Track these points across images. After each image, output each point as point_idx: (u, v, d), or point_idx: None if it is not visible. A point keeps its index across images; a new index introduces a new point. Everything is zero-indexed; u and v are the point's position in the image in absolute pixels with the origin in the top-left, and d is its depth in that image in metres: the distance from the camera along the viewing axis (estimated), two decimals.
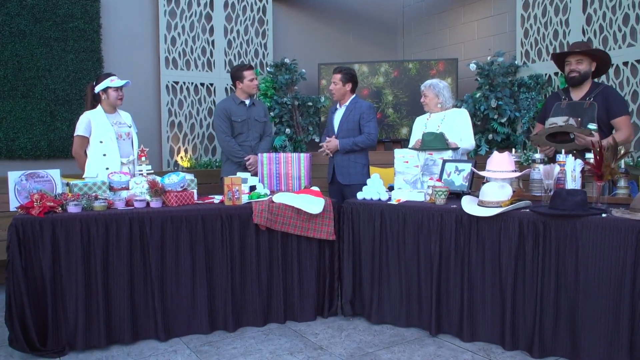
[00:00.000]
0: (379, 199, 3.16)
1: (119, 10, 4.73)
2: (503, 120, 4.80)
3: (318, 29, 5.92)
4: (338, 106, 3.97)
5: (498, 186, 2.71)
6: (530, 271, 2.53)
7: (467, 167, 3.17)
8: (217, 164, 5.02)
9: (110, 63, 4.67)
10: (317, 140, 5.49)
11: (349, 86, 3.87)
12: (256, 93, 4.08)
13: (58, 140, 4.34)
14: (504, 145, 4.90)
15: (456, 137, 3.54)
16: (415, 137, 3.75)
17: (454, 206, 2.81)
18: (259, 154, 3.70)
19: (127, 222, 2.76)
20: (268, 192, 3.48)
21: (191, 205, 3.01)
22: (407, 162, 3.43)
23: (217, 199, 3.32)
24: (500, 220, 2.62)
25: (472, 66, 4.87)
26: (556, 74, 4.60)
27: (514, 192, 2.79)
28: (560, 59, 3.35)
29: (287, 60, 5.32)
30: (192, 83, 5.08)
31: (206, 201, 3.22)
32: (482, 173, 2.91)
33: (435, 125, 3.63)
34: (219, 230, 2.94)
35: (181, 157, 5.02)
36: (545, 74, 4.67)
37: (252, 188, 3.55)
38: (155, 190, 3.00)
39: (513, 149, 3.38)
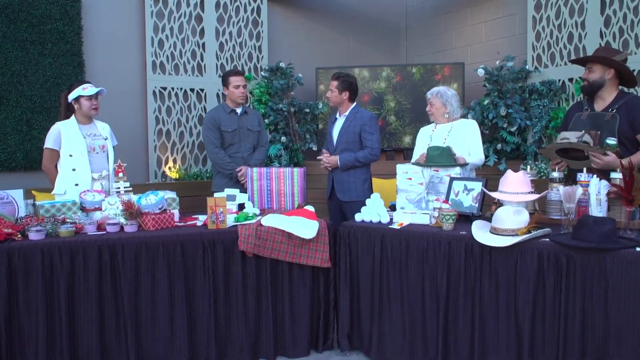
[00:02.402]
0: (379, 222, 2.85)
1: (101, 10, 4.43)
2: (513, 129, 4.49)
3: (316, 31, 5.61)
4: (338, 115, 3.67)
5: (513, 211, 2.40)
6: (551, 311, 2.21)
7: (477, 187, 2.85)
8: (207, 174, 4.72)
9: (92, 68, 4.37)
10: (314, 148, 5.18)
11: (345, 95, 3.57)
12: (243, 102, 3.76)
13: (35, 150, 4.04)
14: (514, 156, 4.59)
15: (464, 151, 3.24)
16: (419, 151, 3.45)
17: (464, 232, 2.49)
18: (249, 169, 3.40)
19: (96, 251, 2.45)
20: (258, 211, 3.18)
21: (170, 230, 2.71)
22: (410, 178, 3.12)
23: (201, 219, 3.01)
24: (517, 251, 2.30)
25: (480, 71, 4.55)
26: (570, 80, 4.28)
27: (531, 215, 2.48)
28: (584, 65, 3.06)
29: (282, 65, 5.02)
30: (181, 89, 4.78)
31: (188, 223, 2.92)
32: (494, 195, 2.60)
33: (441, 138, 3.33)
34: (200, 258, 2.64)
35: (169, 168, 4.72)
36: (559, 80, 4.35)
37: (241, 206, 3.25)
38: (130, 212, 2.70)
39: (528, 167, 3.06)
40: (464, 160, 3.16)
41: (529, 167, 3.05)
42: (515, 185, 2.55)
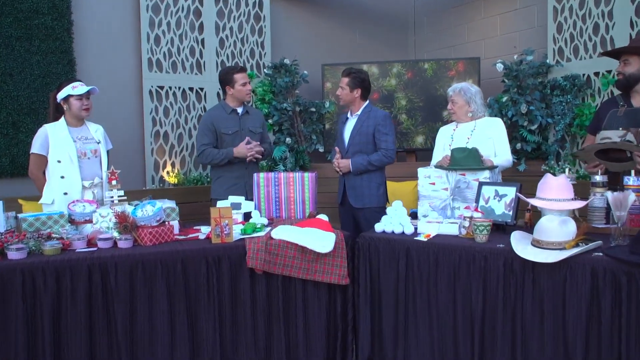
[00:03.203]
0: (403, 233, 2.57)
1: (93, 4, 4.13)
2: (533, 128, 4.20)
3: (321, 26, 5.32)
4: (349, 115, 3.38)
5: (559, 221, 2.11)
6: (607, 336, 1.93)
7: (511, 192, 2.57)
8: (208, 179, 4.42)
9: (83, 66, 4.07)
10: (321, 150, 4.89)
11: (357, 92, 3.28)
12: (250, 100, 3.48)
13: (22, 155, 3.73)
14: (534, 156, 4.30)
15: (489, 152, 2.97)
16: (440, 152, 3.17)
17: (501, 246, 2.21)
18: (255, 174, 3.11)
19: (86, 271, 2.16)
20: (266, 221, 2.90)
21: (169, 245, 2.42)
22: (433, 183, 2.84)
23: (204, 231, 2.72)
24: (565, 267, 2.02)
25: (499, 66, 4.27)
26: (596, 74, 4.00)
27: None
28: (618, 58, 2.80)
29: (287, 61, 4.72)
30: (180, 88, 4.48)
31: (189, 236, 2.63)
32: (534, 202, 2.31)
33: (463, 138, 3.05)
34: (204, 276, 2.35)
35: (167, 172, 4.42)
36: (583, 75, 4.06)
37: (247, 216, 2.96)
38: (125, 226, 2.41)
39: (567, 170, 2.78)
40: (491, 162, 2.88)
41: (567, 170, 2.76)
42: (557, 191, 2.27)
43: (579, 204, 2.23)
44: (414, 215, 2.97)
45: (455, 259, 2.29)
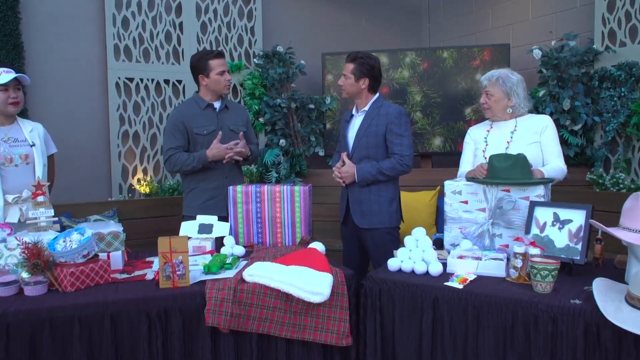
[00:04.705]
0: (427, 272, 1.85)
1: None
2: (576, 128, 3.48)
3: (321, 10, 4.60)
4: (354, 112, 2.68)
5: None
6: None
7: (578, 217, 1.86)
8: None
9: (33, 52, 3.39)
10: (321, 154, 4.18)
11: (364, 83, 2.58)
12: (228, 92, 2.79)
13: None
14: (576, 162, 3.57)
15: (536, 160, 2.26)
16: (469, 159, 2.47)
17: (577, 302, 1.49)
18: (230, 188, 2.40)
19: None
20: (242, 250, 2.20)
21: (100, 289, 1.72)
22: (465, 202, 2.12)
23: (156, 266, 2.02)
24: None
25: (537, 52, 3.54)
26: None
27: None
28: None
29: (280, 49, 4.02)
30: (153, 80, 3.78)
31: (134, 274, 1.92)
32: (622, 235, 1.59)
33: (501, 141, 2.35)
34: (145, 338, 1.65)
35: (138, 180, 3.72)
36: None
37: (220, 242, 2.27)
38: (35, 264, 1.70)
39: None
40: (542, 173, 2.17)
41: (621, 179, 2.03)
42: None
43: None
44: (437, 243, 2.26)
45: (507, 319, 1.57)
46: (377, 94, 2.66)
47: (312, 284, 1.75)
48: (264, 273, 1.78)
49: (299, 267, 1.82)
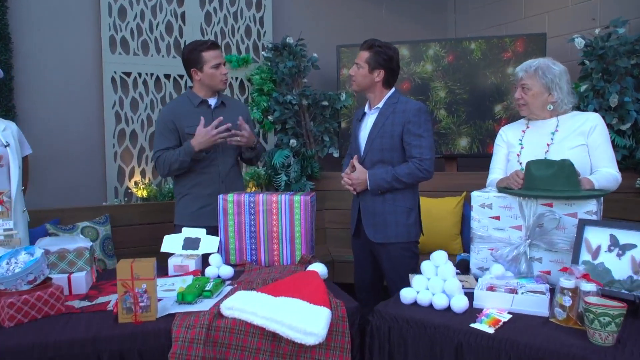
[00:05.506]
0: (448, 307, 1.49)
1: None
2: (625, 127, 3.05)
3: None
4: (367, 109, 2.34)
5: None
6: None
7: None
8: None
9: (22, 45, 3.14)
10: (335, 155, 3.84)
11: (379, 75, 2.24)
12: (225, 87, 2.49)
13: None
14: (625, 166, 3.14)
15: (584, 166, 1.89)
16: (501, 164, 2.12)
17: None
18: (220, 197, 2.08)
19: None
20: (231, 271, 1.87)
21: (47, 322, 1.41)
22: (497, 217, 1.75)
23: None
24: None
25: (579, 41, 3.11)
26: None
27: None
28: None
29: (290, 41, 3.68)
30: (152, 75, 3.49)
31: (95, 302, 1.61)
32: None
33: (540, 143, 1.98)
34: None
35: (135, 183, 3.44)
36: None
37: (205, 261, 1.96)
38: None
39: None
40: (591, 184, 1.79)
41: None
42: None
43: None
44: (462, 265, 1.90)
45: None
46: (393, 89, 2.30)
47: (305, 321, 1.41)
48: (246, 307, 1.45)
49: (289, 299, 1.48)
